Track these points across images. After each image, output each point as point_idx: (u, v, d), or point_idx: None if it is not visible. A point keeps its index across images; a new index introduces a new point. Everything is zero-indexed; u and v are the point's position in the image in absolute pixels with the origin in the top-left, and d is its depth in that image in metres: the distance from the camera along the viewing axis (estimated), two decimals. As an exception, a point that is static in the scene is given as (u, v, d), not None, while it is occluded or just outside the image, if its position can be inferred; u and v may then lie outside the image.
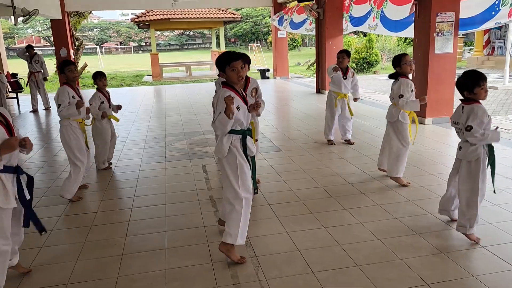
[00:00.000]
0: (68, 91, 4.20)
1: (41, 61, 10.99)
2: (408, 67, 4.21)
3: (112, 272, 2.95)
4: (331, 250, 3.14)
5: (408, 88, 4.22)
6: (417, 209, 3.81)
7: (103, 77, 5.14)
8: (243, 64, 2.86)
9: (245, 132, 2.95)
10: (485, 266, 2.85)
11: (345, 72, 5.94)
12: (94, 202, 4.34)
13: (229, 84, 2.89)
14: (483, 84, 3.05)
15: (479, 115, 3.00)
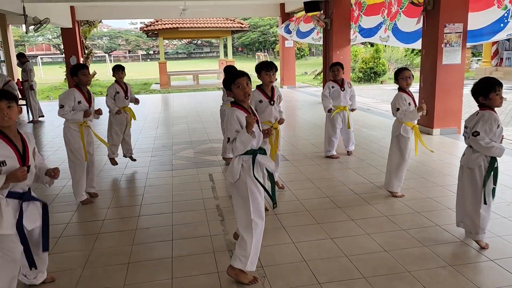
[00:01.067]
0: (75, 94, 4.25)
1: (28, 69, 10.49)
2: (404, 82, 4.22)
3: (119, 280, 2.96)
4: (337, 261, 3.12)
5: (402, 101, 4.22)
6: (424, 221, 3.78)
7: (120, 70, 5.61)
8: (248, 81, 2.79)
9: (255, 152, 2.82)
10: (493, 279, 2.82)
11: (341, 84, 5.89)
12: (101, 210, 4.37)
13: (237, 103, 2.82)
14: (498, 90, 3.04)
15: (489, 122, 3.00)
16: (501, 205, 4.08)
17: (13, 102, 2.36)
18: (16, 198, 2.45)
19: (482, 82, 3.10)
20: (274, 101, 4.17)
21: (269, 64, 4.01)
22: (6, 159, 2.34)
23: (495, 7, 6.84)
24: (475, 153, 3.12)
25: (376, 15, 10.51)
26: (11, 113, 2.35)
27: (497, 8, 6.81)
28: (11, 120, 2.36)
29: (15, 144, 2.41)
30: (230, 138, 2.74)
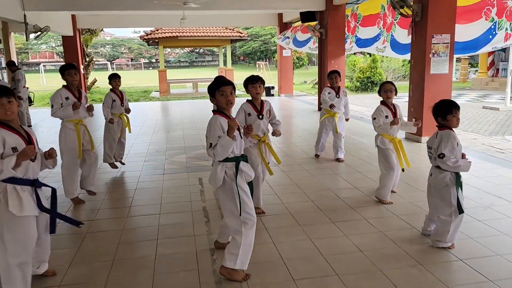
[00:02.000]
0: (61, 93, 4.43)
1: (16, 78, 10.53)
2: (384, 95, 4.37)
3: (103, 274, 3.08)
4: (314, 260, 3.25)
5: (379, 113, 4.37)
6: (402, 223, 3.91)
7: (116, 78, 5.84)
8: (232, 90, 2.90)
9: (238, 159, 2.93)
10: (460, 278, 2.95)
11: (337, 92, 6.08)
12: (91, 211, 4.50)
13: (220, 110, 2.92)
14: (455, 112, 3.25)
15: (450, 142, 3.19)
16: (479, 209, 4.20)
17: (12, 97, 2.59)
18: (29, 185, 2.66)
19: (441, 104, 3.31)
20: (263, 115, 4.17)
21: (254, 78, 4.07)
22: (17, 146, 2.57)
23: (483, 19, 7.02)
24: (442, 173, 3.29)
25: (372, 26, 10.73)
26: (12, 107, 2.57)
27: (484, 21, 7.00)
28: (12, 114, 2.59)
29: (22, 134, 2.65)
30: (212, 143, 2.83)
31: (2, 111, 2.54)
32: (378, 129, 4.39)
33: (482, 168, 5.72)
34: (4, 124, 2.59)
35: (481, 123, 10.42)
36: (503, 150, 7.23)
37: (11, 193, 2.57)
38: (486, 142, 7.96)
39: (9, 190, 2.56)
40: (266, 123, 4.24)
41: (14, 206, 2.57)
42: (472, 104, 14.34)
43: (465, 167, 3.22)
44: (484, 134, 8.98)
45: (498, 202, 4.41)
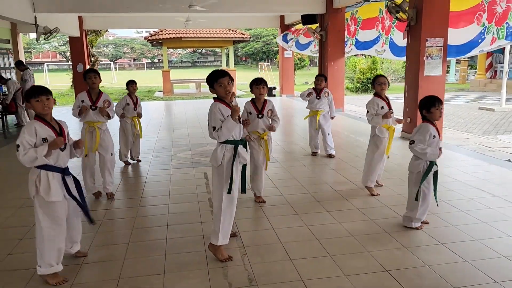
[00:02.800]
0: (80, 95, 4.80)
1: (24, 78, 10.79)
2: (379, 87, 4.70)
3: (121, 254, 3.45)
4: (309, 243, 3.61)
5: (374, 105, 4.70)
6: (391, 213, 4.27)
7: (133, 83, 6.37)
8: (230, 80, 3.25)
9: (237, 142, 3.30)
10: (439, 258, 3.30)
11: (318, 93, 6.49)
12: (105, 202, 4.86)
13: (219, 98, 3.30)
14: (438, 106, 3.62)
15: (423, 133, 3.59)
16: (462, 201, 4.56)
17: (50, 95, 2.97)
18: (60, 172, 3.01)
19: (426, 98, 3.69)
20: (263, 115, 4.52)
21: (259, 80, 4.48)
22: (48, 137, 2.93)
23: (475, 24, 7.38)
24: (417, 160, 3.70)
25: (371, 29, 11.08)
26: (49, 104, 2.95)
27: (476, 25, 7.36)
28: (49, 109, 2.97)
29: (54, 127, 3.00)
30: (215, 127, 3.23)
31: (41, 106, 2.91)
32: (371, 121, 4.74)
33: (471, 165, 6.08)
34: (39, 117, 2.97)
35: (475, 123, 10.77)
36: (493, 148, 7.60)
37: (43, 179, 2.93)
38: (478, 141, 8.32)
39: (42, 176, 2.93)
40: (267, 122, 4.59)
41: (44, 192, 2.93)
42: (469, 105, 14.68)
43: (431, 155, 3.58)
44: (477, 133, 9.33)
45: (481, 194, 4.76)
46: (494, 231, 3.79)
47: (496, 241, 3.58)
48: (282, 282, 3.00)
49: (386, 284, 2.93)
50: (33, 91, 2.94)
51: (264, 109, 4.58)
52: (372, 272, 3.10)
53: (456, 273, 3.09)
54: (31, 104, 2.93)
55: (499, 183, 5.19)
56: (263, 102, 4.60)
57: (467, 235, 3.70)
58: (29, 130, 2.88)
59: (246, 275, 3.09)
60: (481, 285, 2.91)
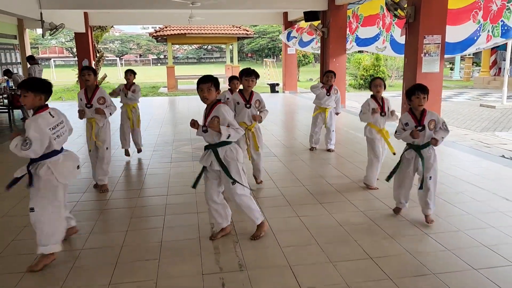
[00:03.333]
0: (78, 95, 4.96)
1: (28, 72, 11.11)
2: (374, 89, 4.83)
3: (119, 241, 3.63)
4: (298, 232, 3.77)
5: (366, 105, 4.86)
6: (382, 205, 4.41)
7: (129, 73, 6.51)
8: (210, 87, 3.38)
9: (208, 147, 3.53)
10: (423, 247, 3.45)
11: (328, 90, 6.58)
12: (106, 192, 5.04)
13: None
14: (418, 94, 3.75)
15: (400, 120, 3.89)
16: (451, 194, 4.69)
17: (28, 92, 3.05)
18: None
19: (410, 87, 3.84)
20: (251, 105, 4.72)
21: (250, 72, 4.65)
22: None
23: (471, 21, 7.46)
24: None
25: (372, 25, 11.17)
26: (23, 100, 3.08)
27: (472, 23, 7.44)
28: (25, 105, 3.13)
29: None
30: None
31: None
32: (361, 117, 4.90)
33: (465, 161, 6.19)
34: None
35: (475, 120, 10.84)
36: (489, 145, 7.69)
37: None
38: (475, 138, 8.42)
39: None
40: (254, 112, 4.75)
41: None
42: (470, 102, 14.72)
43: (405, 137, 3.84)
44: (475, 130, 9.42)
45: (471, 188, 4.89)
46: (478, 222, 3.92)
47: (479, 231, 3.71)
48: (270, 267, 3.16)
49: (369, 270, 3.08)
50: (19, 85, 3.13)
51: (252, 99, 4.76)
52: (357, 259, 3.25)
53: (437, 260, 3.23)
54: None
55: (491, 178, 5.31)
56: (250, 93, 4.78)
57: (452, 226, 3.83)
58: None
59: (237, 261, 3.26)
60: (459, 272, 3.05)
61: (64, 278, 3.04)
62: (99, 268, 3.18)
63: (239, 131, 3.42)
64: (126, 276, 3.05)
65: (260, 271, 3.10)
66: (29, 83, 3.09)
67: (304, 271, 3.08)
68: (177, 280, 2.99)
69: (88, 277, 3.06)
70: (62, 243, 3.28)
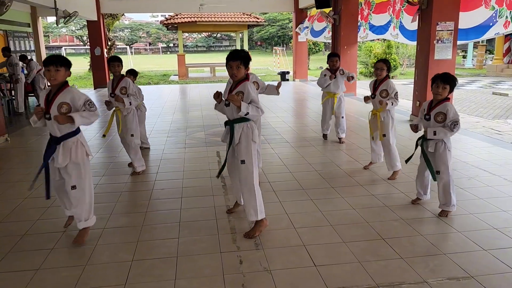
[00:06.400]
0: (108, 85, 5.14)
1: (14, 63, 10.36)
2: (375, 71, 4.84)
3: (139, 221, 3.78)
4: (312, 214, 3.88)
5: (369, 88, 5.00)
6: (392, 189, 4.50)
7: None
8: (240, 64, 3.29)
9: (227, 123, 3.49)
10: (433, 229, 3.54)
11: (334, 73, 6.46)
12: (124, 176, 5.20)
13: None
14: (437, 82, 3.63)
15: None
16: (463, 180, 4.75)
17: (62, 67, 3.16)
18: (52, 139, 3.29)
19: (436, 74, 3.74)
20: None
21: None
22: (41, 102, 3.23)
23: (482, 8, 7.43)
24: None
25: (384, 13, 11.11)
26: (56, 75, 3.14)
27: (484, 9, 7.40)
28: (55, 80, 3.16)
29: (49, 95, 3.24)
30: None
31: (48, 76, 3.15)
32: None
33: (476, 147, 6.23)
34: None
35: (487, 107, 10.80)
36: (501, 132, 7.70)
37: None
38: (487, 125, 8.42)
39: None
40: None
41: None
42: (483, 90, 14.61)
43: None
44: (487, 118, 9.40)
45: (482, 174, 4.94)
46: (490, 206, 3.99)
47: (490, 215, 3.79)
48: (285, 246, 3.27)
49: (381, 250, 3.19)
50: (47, 61, 3.17)
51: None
52: (369, 240, 3.35)
53: (448, 241, 3.32)
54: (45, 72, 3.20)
55: (501, 163, 5.35)
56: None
57: (463, 210, 3.91)
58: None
59: (253, 241, 3.38)
60: (470, 252, 3.14)
61: (89, 255, 3.20)
62: (122, 246, 3.33)
63: (259, 111, 3.30)
64: (149, 253, 3.20)
65: (276, 250, 3.22)
66: (60, 59, 3.20)
67: (318, 250, 3.20)
68: (197, 257, 3.13)
69: (112, 254, 3.21)
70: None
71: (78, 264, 3.06)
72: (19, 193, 4.62)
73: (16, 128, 8.47)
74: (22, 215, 4.02)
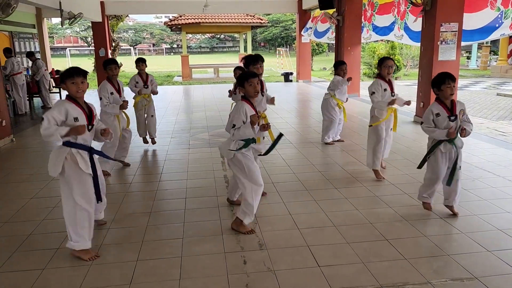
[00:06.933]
0: (107, 87, 5.07)
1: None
2: (385, 70, 4.72)
3: (143, 222, 3.80)
4: (316, 215, 3.89)
5: (378, 86, 4.71)
6: (396, 190, 4.50)
7: (141, 62, 6.32)
8: (258, 81, 3.39)
9: (249, 141, 3.45)
10: (437, 230, 3.54)
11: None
12: (129, 176, 5.23)
13: (246, 98, 3.44)
14: (448, 83, 3.57)
15: (427, 112, 3.66)
16: (467, 181, 4.74)
17: (85, 79, 3.14)
18: (86, 150, 3.19)
19: (437, 75, 3.69)
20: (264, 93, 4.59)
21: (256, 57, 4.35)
22: (79, 117, 3.11)
23: (488, 9, 7.41)
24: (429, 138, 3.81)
25: (388, 14, 11.10)
26: (83, 87, 3.12)
27: (490, 10, 7.38)
28: (83, 92, 3.13)
29: (84, 109, 3.18)
30: (235, 125, 3.37)
31: (75, 89, 3.08)
32: (375, 104, 4.76)
33: (480, 148, 6.21)
34: (70, 98, 3.15)
35: (491, 109, 10.77)
36: (505, 133, 7.68)
37: (76, 154, 3.14)
38: (491, 126, 8.39)
39: (74, 152, 3.14)
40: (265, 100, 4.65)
41: (82, 164, 3.14)
42: (487, 91, 14.57)
43: (438, 134, 3.61)
44: (492, 119, 9.37)
45: (486, 175, 4.94)
46: (493, 207, 3.99)
47: (494, 216, 3.78)
48: (289, 247, 3.29)
49: (385, 251, 3.19)
50: (69, 73, 3.09)
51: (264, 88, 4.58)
52: (373, 241, 3.36)
53: (452, 243, 3.32)
54: (66, 85, 3.08)
55: (505, 165, 5.34)
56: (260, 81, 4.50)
57: (467, 211, 3.91)
58: (59, 109, 3.05)
59: (257, 241, 3.39)
60: (473, 253, 3.14)
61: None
62: (126, 246, 3.35)
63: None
64: (153, 253, 3.22)
65: (280, 250, 3.24)
66: (83, 71, 3.15)
67: (322, 251, 3.21)
68: (201, 257, 3.14)
69: (117, 254, 3.23)
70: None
71: (83, 264, 3.08)
72: (25, 193, 4.66)
73: (21, 128, 8.52)
74: (27, 215, 4.05)
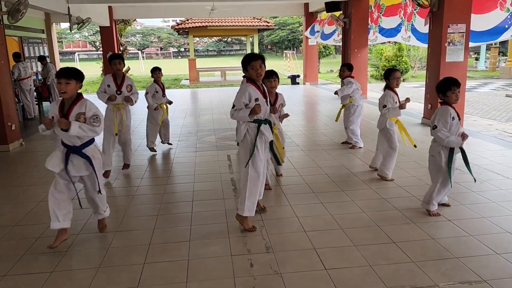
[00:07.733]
0: (106, 79, 5.19)
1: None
2: (394, 82, 4.70)
3: (151, 224, 3.82)
4: (323, 218, 3.88)
5: (390, 99, 4.70)
6: (403, 192, 4.47)
7: (158, 70, 6.45)
8: (262, 64, 3.45)
9: (260, 122, 3.53)
10: (445, 233, 3.51)
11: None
12: (136, 179, 5.26)
13: (251, 79, 3.51)
14: (453, 89, 3.62)
15: (444, 116, 3.60)
16: (476, 183, 4.68)
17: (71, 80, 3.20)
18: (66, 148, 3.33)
19: (442, 81, 3.70)
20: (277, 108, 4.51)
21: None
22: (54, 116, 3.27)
23: (498, 10, 7.35)
24: (435, 142, 3.75)
25: (394, 15, 11.06)
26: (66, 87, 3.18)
27: (499, 11, 7.33)
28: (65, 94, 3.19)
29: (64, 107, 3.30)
30: (235, 106, 3.49)
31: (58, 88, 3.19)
32: (388, 114, 4.72)
33: (489, 150, 6.16)
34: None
35: (500, 110, 10.67)
36: (511, 133, 7.59)
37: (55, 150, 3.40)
38: (500, 128, 8.32)
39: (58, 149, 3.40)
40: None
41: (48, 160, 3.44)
42: (496, 92, 14.44)
43: (455, 140, 3.59)
44: (500, 120, 9.28)
45: (495, 177, 4.89)
46: (502, 209, 3.95)
47: (503, 218, 3.75)
48: (296, 250, 3.28)
49: (392, 253, 3.17)
50: (58, 73, 3.21)
51: (277, 102, 4.53)
52: (380, 243, 3.34)
53: (460, 245, 3.29)
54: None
55: (515, 167, 5.29)
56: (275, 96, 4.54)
57: (475, 213, 3.87)
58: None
59: (264, 244, 3.39)
60: (482, 256, 3.11)
61: (102, 258, 3.24)
62: (133, 248, 3.37)
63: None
64: (160, 256, 3.23)
65: (287, 253, 3.23)
66: (71, 71, 3.22)
67: (328, 253, 3.20)
68: (208, 260, 3.15)
69: (124, 256, 3.25)
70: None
71: (91, 267, 3.10)
72: (34, 196, 4.70)
73: (30, 133, 8.61)
74: (36, 218, 4.09)
